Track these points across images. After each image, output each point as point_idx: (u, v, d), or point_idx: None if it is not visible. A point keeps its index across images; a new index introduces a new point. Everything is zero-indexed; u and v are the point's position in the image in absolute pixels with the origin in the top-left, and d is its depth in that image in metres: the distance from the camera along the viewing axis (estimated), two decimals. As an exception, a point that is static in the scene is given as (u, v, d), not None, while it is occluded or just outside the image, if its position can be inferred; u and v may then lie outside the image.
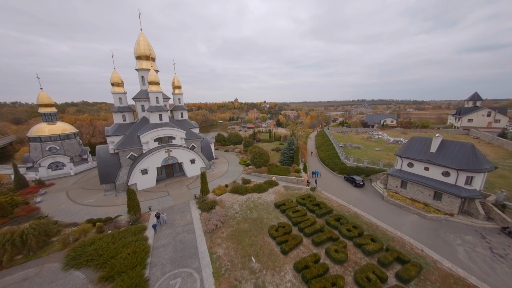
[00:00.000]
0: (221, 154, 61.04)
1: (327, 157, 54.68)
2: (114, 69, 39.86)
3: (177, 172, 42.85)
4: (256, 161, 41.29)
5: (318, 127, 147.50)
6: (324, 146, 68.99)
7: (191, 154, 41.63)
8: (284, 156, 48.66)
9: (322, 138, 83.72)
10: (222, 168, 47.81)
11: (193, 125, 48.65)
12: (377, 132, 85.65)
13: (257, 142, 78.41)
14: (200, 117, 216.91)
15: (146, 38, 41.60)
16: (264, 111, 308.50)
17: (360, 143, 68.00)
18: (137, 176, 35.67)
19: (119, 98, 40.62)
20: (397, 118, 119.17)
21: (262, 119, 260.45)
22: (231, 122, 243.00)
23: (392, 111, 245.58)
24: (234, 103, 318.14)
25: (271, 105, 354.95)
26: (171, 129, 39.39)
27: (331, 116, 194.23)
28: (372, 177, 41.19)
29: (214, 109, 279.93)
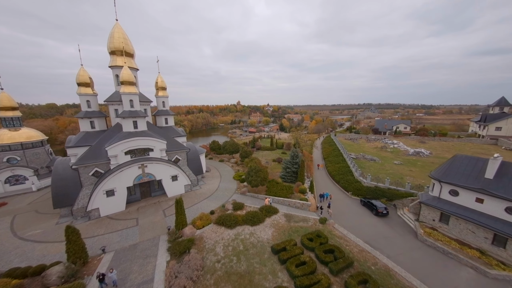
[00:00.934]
0: (214, 165, 53.74)
1: (337, 172, 46.72)
2: (82, 66, 33.29)
3: (156, 190, 35.64)
4: (252, 179, 33.77)
5: (324, 132, 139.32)
6: (333, 156, 60.98)
7: (173, 169, 34.42)
8: (287, 171, 41.00)
9: (329, 146, 75.72)
10: (212, 185, 40.42)
11: (179, 133, 41.59)
12: (392, 141, 77.15)
13: (257, 150, 70.97)
14: (201, 120, 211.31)
15: (122, 30, 35.03)
16: (267, 114, 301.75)
17: (374, 154, 59.75)
18: (100, 199, 28.54)
19: (87, 101, 33.90)
20: (410, 124, 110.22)
21: (265, 123, 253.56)
22: (233, 125, 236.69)
23: (401, 116, 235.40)
24: (237, 106, 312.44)
25: (275, 108, 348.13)
26: (147, 139, 32.33)
27: (337, 121, 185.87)
28: (397, 202, 33.10)
29: (215, 112, 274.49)
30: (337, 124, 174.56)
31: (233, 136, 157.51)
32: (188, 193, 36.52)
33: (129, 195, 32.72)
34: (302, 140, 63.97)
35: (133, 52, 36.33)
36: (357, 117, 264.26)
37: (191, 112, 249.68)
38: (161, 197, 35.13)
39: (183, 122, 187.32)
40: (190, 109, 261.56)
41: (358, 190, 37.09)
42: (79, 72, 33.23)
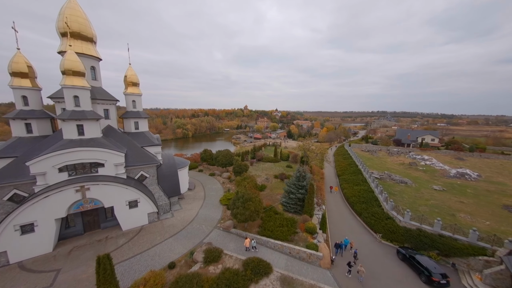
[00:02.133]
0: (202, 180, 44.33)
1: (357, 198, 35.80)
2: (18, 51, 25.46)
3: (109, 220, 26.48)
4: (238, 212, 23.85)
5: (336, 141, 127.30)
6: (349, 173, 49.83)
7: (131, 192, 25.26)
8: (290, 197, 30.71)
9: (343, 160, 64.45)
10: (190, 211, 30.81)
11: (152, 141, 32.65)
12: (421, 156, 64.69)
13: (257, 161, 61.04)
14: (205, 124, 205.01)
15: (79, 6, 27.07)
16: (275, 120, 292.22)
17: (403, 173, 48.03)
18: (9, 238, 19.69)
19: (23, 96, 25.85)
20: (438, 135, 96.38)
21: (272, 129, 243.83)
22: (238, 130, 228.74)
23: (421, 126, 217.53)
24: (244, 111, 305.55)
25: (283, 113, 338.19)
26: (94, 150, 23.50)
27: (351, 129, 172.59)
28: (457, 260, 21.87)
29: (221, 116, 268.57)
30: (351, 132, 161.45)
31: (236, 142, 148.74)
32: (153, 225, 27.09)
33: (64, 229, 23.75)
34: (311, 152, 53.29)
35: (93, 36, 28.20)
36: (371, 125, 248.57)
37: (196, 115, 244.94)
38: (114, 230, 25.88)
39: (186, 125, 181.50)
40: (196, 113, 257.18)
41: (392, 233, 26.08)
42: (13, 58, 25.26)
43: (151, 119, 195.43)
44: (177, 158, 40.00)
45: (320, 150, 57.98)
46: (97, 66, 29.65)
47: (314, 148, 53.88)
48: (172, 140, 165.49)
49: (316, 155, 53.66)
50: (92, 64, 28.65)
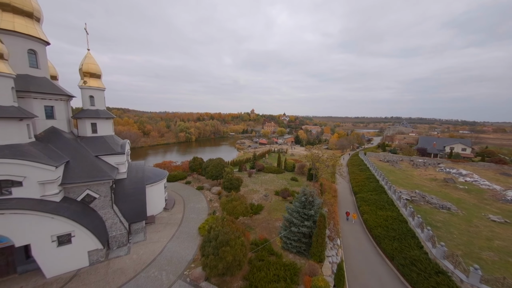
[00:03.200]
0: (187, 195, 36.55)
1: (385, 231, 26.43)
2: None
3: (30, 261, 19.03)
4: (209, 264, 15.61)
5: (349, 149, 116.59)
6: (368, 190, 40.32)
7: (60, 223, 17.77)
8: (292, 231, 22.07)
9: (360, 172, 54.68)
10: (154, 246, 22.87)
11: (112, 149, 25.31)
12: (457, 170, 53.77)
13: (257, 172, 52.66)
14: (210, 128, 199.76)
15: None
16: (282, 124, 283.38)
17: (441, 194, 37.94)
18: None
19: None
20: (470, 144, 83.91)
21: (279, 134, 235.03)
22: (244, 135, 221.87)
23: (443, 133, 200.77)
24: (250, 115, 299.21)
25: (291, 118, 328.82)
26: (3, 162, 16.31)
27: (364, 135, 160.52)
28: None
29: (227, 120, 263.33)
30: (365, 139, 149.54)
31: (240, 147, 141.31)
32: (95, 268, 19.30)
33: (-47, 278, 16.48)
34: (322, 163, 44.23)
35: (33, 10, 21.61)
36: (386, 131, 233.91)
37: (202, 119, 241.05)
38: (34, 275, 18.33)
39: (189, 129, 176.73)
40: (201, 116, 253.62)
41: (449, 300, 16.78)
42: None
43: (155, 122, 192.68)
44: (153, 170, 32.53)
45: (332, 161, 48.67)
46: (42, 50, 22.95)
47: (325, 159, 44.79)
48: (174, 144, 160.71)
49: (327, 167, 44.56)
50: (32, 47, 21.95)
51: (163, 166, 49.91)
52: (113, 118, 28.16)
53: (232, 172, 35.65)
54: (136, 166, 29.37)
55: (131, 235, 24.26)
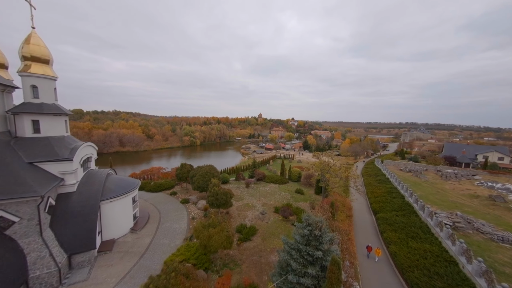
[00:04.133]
0: (166, 210, 30.20)
1: (423, 274, 18.32)
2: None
3: None
4: None
5: (363, 156, 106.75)
6: (391, 209, 31.93)
7: None
8: (289, 282, 14.85)
9: (378, 184, 46.03)
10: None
11: (55, 153, 19.50)
12: (503, 185, 43.85)
13: (257, 181, 45.62)
14: (215, 132, 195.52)
15: None
16: (291, 129, 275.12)
17: (490, 217, 28.95)
18: None
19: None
20: (508, 153, 72.18)
21: (287, 139, 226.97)
22: (251, 139, 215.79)
23: (466, 140, 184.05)
24: (258, 119, 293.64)
25: (300, 123, 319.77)
26: None
27: (379, 141, 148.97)
28: None
29: (234, 124, 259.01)
30: (379, 145, 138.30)
31: (245, 152, 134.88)
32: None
33: None
34: (333, 173, 36.24)
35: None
36: (403, 137, 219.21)
37: (208, 123, 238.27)
38: None
39: (194, 133, 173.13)
40: (208, 120, 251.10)
41: None
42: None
43: (161, 125, 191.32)
44: (120, 180, 26.42)
45: (346, 172, 40.59)
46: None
47: (337, 169, 36.89)
48: (178, 148, 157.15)
49: (339, 179, 36.70)
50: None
51: (149, 173, 44.18)
52: (68, 115, 22.58)
53: (219, 184, 28.87)
54: (96, 175, 23.47)
55: (72, 270, 17.99)
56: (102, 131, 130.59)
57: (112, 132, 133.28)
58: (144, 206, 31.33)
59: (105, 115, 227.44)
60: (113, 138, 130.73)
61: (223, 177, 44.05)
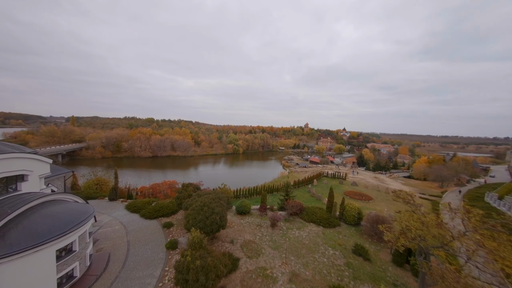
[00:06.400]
0: (142, 253, 18.92)
1: None
2: None
3: None
4: None
5: (452, 182, 72.56)
6: None
7: None
8: None
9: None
10: None
11: None
12: None
13: (288, 218, 29.60)
14: (258, 141, 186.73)
15: None
16: (341, 141, 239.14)
17: None
18: None
19: None
20: None
21: (337, 151, 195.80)
22: (295, 150, 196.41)
23: None
24: (304, 129, 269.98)
25: (353, 134, 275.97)
26: None
27: (477, 162, 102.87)
28: None
29: (278, 134, 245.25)
30: (477, 167, 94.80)
31: (287, 165, 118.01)
32: None
33: None
34: (430, 233, 16.47)
35: None
36: (508, 156, 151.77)
37: (253, 132, 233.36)
38: None
39: (238, 141, 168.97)
40: (253, 129, 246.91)
41: None
42: None
43: (210, 133, 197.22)
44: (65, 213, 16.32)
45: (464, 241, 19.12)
46: None
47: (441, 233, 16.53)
48: (222, 155, 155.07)
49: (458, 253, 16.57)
50: None
51: (158, 189, 35.03)
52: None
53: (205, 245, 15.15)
54: (14, 205, 13.94)
55: None
56: (159, 137, 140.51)
57: (166, 137, 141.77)
58: (114, 240, 21.06)
59: (169, 123, 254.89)
60: (167, 143, 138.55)
61: (242, 206, 30.39)
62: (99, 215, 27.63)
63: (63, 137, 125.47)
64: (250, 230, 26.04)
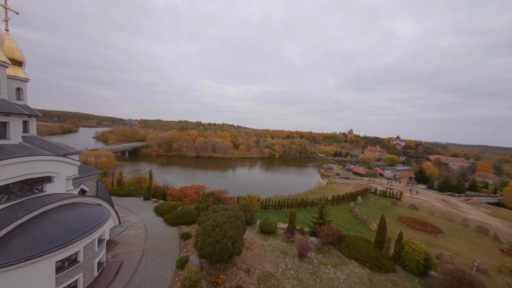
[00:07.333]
0: (151, 268, 17.05)
1: None
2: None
3: None
4: None
5: None
6: None
7: None
8: None
9: None
10: None
11: None
12: None
13: (322, 248, 23.19)
14: (296, 147, 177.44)
15: None
16: (394, 150, 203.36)
17: None
18: None
19: None
20: None
21: (387, 162, 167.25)
22: (335, 158, 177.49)
23: None
24: (347, 135, 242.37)
25: (410, 143, 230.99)
26: None
27: None
28: None
29: (318, 140, 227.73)
30: None
31: (325, 174, 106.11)
32: None
33: None
34: None
35: None
36: None
37: (291, 137, 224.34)
38: None
39: (274, 146, 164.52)
40: (291, 134, 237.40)
41: None
42: None
43: (248, 137, 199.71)
44: (77, 219, 15.64)
45: None
46: None
47: None
48: (258, 159, 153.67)
49: None
50: None
51: (184, 194, 34.22)
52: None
53: None
54: (28, 209, 13.77)
55: None
56: (203, 139, 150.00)
57: (209, 140, 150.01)
58: (132, 247, 20.02)
59: (214, 126, 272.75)
60: (209, 145, 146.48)
61: (266, 224, 25.84)
62: (130, 215, 28.15)
63: (131, 136, 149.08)
64: (272, 257, 21.25)
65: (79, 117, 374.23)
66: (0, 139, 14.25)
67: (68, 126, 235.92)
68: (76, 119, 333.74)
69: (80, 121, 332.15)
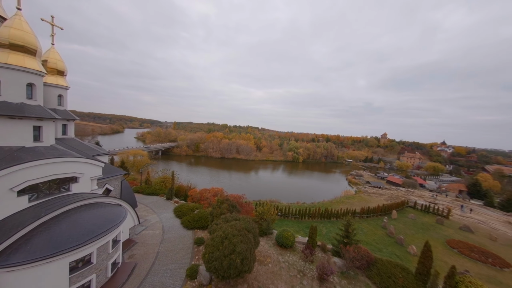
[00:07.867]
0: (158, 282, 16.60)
1: None
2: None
3: None
4: None
5: None
6: None
7: None
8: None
9: None
10: None
11: None
12: None
13: (346, 273, 19.65)
14: (321, 151, 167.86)
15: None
16: (438, 158, 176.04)
17: None
18: None
19: None
20: None
21: (430, 171, 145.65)
22: (366, 164, 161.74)
23: None
24: (380, 140, 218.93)
25: (459, 150, 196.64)
26: None
27: None
28: None
29: (346, 144, 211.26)
30: None
31: (354, 181, 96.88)
32: None
33: None
34: None
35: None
36: None
37: (317, 140, 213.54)
38: None
39: (298, 149, 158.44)
40: (316, 137, 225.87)
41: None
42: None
43: (271, 139, 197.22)
44: (93, 221, 16.02)
45: None
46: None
47: None
48: (281, 162, 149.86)
49: None
50: None
51: (203, 197, 34.00)
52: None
53: None
54: (50, 208, 14.47)
55: None
56: (227, 141, 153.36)
57: (233, 142, 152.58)
58: (148, 248, 20.03)
59: (239, 128, 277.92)
60: (233, 146, 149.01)
61: (283, 237, 23.46)
62: (151, 214, 28.96)
63: (164, 137, 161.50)
64: (288, 277, 18.84)
65: (125, 120, 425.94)
66: (34, 141, 15.34)
67: (116, 127, 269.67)
68: (123, 121, 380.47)
69: (125, 123, 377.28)
